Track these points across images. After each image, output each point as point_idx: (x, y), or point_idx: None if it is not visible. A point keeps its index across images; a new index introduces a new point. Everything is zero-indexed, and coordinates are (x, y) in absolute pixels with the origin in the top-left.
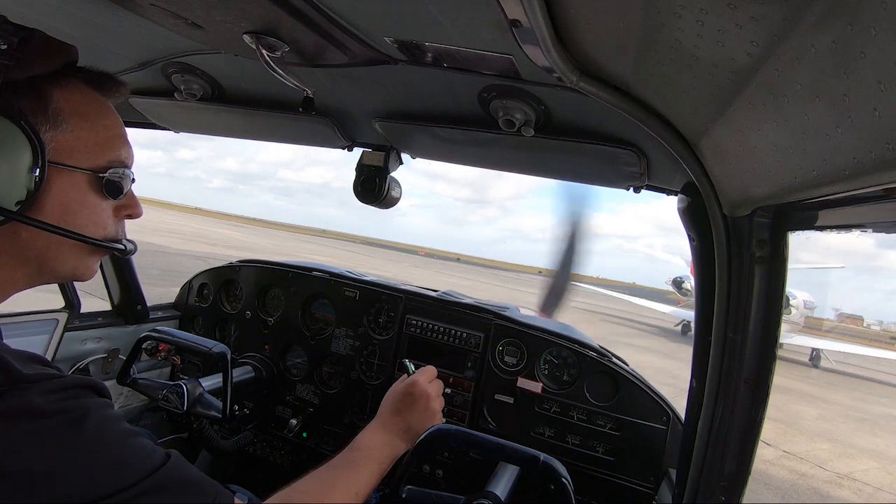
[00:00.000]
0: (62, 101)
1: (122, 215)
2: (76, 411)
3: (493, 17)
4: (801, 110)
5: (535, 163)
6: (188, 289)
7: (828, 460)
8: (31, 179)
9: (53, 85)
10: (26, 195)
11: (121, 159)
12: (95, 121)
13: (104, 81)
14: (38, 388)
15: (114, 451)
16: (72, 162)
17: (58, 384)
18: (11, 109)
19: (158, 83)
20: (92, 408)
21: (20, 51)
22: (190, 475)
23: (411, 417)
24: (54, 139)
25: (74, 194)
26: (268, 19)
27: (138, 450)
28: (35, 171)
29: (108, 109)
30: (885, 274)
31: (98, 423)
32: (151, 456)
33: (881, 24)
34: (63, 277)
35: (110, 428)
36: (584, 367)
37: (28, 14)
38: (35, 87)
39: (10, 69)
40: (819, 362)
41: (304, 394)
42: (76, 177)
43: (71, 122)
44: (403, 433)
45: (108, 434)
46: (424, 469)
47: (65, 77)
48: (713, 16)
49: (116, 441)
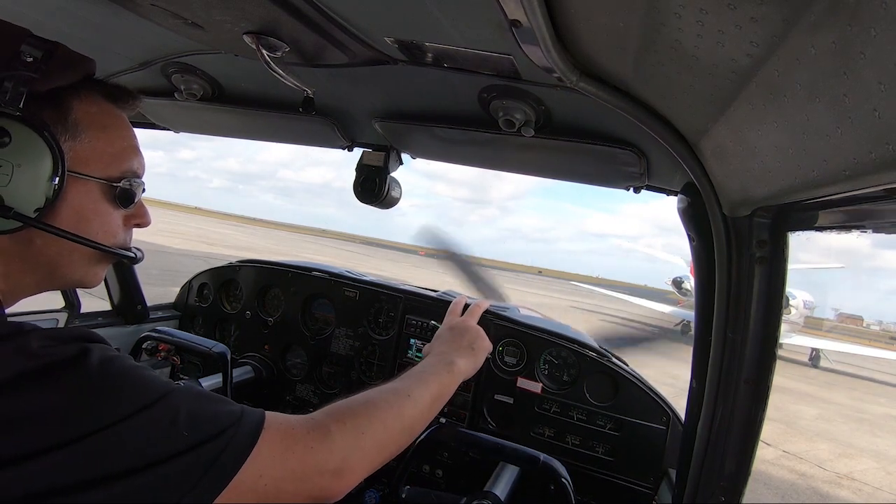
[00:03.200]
0: (81, 113)
1: (132, 224)
2: (74, 351)
3: (493, 17)
4: (801, 110)
5: (535, 163)
6: (188, 289)
7: (827, 460)
8: (51, 187)
9: (73, 97)
10: (45, 203)
11: (133, 169)
12: (111, 132)
13: (120, 94)
14: (36, 334)
15: (124, 379)
16: (88, 171)
17: (57, 332)
18: (35, 120)
19: (158, 83)
20: (93, 349)
21: (45, 63)
22: (208, 391)
23: (460, 340)
24: (72, 149)
25: (89, 203)
26: (268, 19)
27: (150, 376)
28: (54, 179)
29: (124, 121)
30: (884, 274)
31: (102, 359)
32: (165, 382)
33: (881, 24)
34: (71, 284)
35: (117, 361)
36: (583, 368)
37: (28, 14)
38: (56, 99)
39: (35, 81)
40: (819, 362)
41: (303, 394)
42: (91, 186)
43: (89, 132)
44: (455, 351)
45: (115, 367)
46: (424, 469)
47: (84, 89)
48: (713, 16)
49: (126, 371)
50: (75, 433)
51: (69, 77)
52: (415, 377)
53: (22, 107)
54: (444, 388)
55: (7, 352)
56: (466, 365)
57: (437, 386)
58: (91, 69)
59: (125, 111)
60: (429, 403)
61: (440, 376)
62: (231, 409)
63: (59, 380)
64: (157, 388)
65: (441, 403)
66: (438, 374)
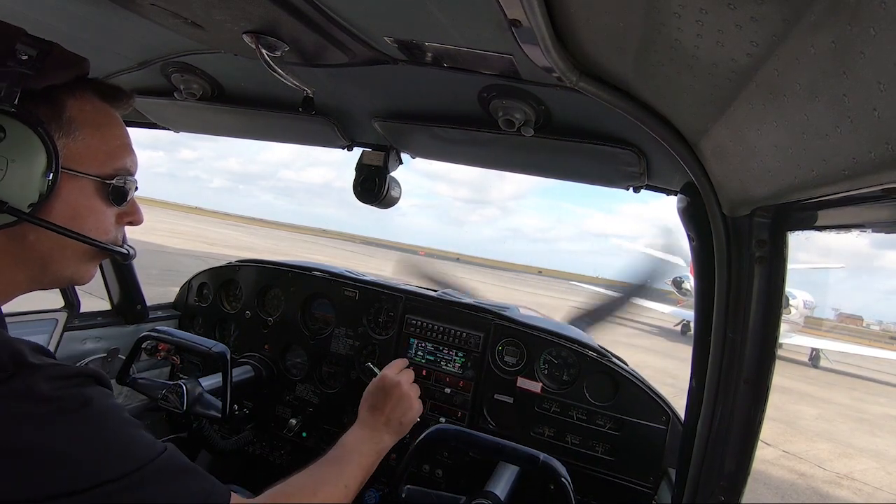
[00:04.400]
0: (75, 111)
1: (124, 221)
2: (80, 397)
3: (493, 17)
4: (800, 110)
5: (535, 163)
6: (188, 288)
7: (827, 460)
8: (45, 183)
9: (68, 95)
10: (38, 198)
11: (126, 167)
12: (105, 130)
13: (114, 93)
14: (43, 374)
15: (116, 438)
16: (82, 168)
17: (62, 371)
18: (30, 116)
19: (158, 83)
20: (95, 396)
21: (40, 62)
22: (188, 463)
23: (388, 409)
24: (66, 146)
25: (82, 199)
26: (267, 19)
27: (139, 438)
28: (48, 175)
29: (117, 120)
30: (884, 274)
31: (101, 411)
32: (152, 445)
33: (881, 24)
34: (63, 281)
35: (113, 416)
36: (583, 367)
37: (28, 14)
38: (51, 97)
39: (30, 79)
40: (818, 362)
41: (303, 393)
42: (84, 183)
43: (83, 130)
44: (384, 426)
45: (111, 421)
46: (424, 469)
47: (78, 88)
48: (713, 16)
49: (119, 429)
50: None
51: (64, 76)
52: (347, 461)
53: (17, 103)
54: (372, 467)
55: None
56: (393, 440)
57: (368, 469)
58: (85, 68)
59: (119, 110)
60: (357, 486)
61: (370, 457)
62: (203, 488)
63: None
64: (142, 453)
65: (366, 480)
66: (369, 455)
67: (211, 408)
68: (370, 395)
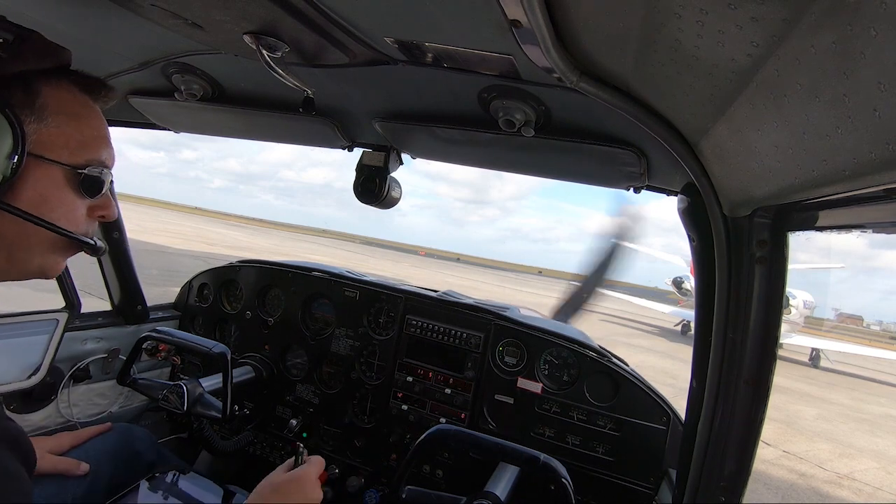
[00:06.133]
0: (50, 98)
1: (96, 215)
2: None
3: (493, 18)
4: (801, 110)
5: (535, 163)
6: (188, 289)
7: (827, 460)
8: (9, 166)
9: (43, 82)
10: (2, 181)
11: (100, 159)
12: (81, 121)
13: (94, 86)
14: None
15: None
16: (52, 156)
17: None
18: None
19: (158, 83)
20: None
21: (17, 46)
22: None
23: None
24: (38, 132)
25: (52, 188)
26: (268, 19)
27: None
28: (13, 157)
29: (95, 112)
30: (884, 274)
31: None
32: None
33: (881, 24)
34: (31, 272)
35: None
36: (583, 368)
37: (28, 14)
38: (25, 81)
39: (4, 62)
40: (819, 362)
41: (304, 394)
42: (54, 171)
43: (57, 118)
44: None
45: None
46: (424, 469)
47: (57, 77)
48: (713, 16)
49: None
50: None
51: (41, 63)
52: None
53: None
54: None
55: None
56: None
57: None
58: (66, 59)
59: (99, 103)
60: None
61: None
62: None
63: None
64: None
65: None
66: None
67: (211, 408)
68: (282, 479)
